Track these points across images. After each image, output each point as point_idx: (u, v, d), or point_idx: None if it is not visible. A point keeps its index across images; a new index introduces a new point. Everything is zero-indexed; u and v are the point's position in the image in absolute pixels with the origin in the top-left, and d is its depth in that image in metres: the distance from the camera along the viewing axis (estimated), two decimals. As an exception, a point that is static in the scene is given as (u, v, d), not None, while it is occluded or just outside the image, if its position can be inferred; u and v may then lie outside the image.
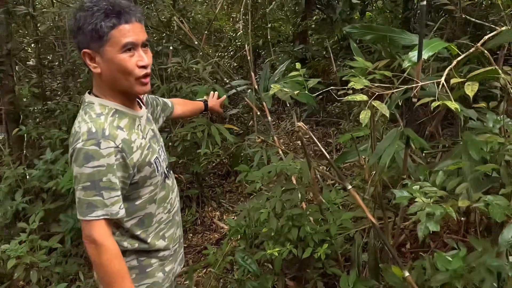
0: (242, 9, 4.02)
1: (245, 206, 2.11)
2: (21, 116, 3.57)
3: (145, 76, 1.20)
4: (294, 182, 2.35)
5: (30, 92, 3.29)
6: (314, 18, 5.27)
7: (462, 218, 2.39)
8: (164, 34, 4.25)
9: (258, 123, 3.58)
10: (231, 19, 7.47)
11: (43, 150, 3.62)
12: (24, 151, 3.53)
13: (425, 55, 1.47)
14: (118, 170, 1.15)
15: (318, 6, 3.65)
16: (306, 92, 1.54)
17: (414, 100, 1.47)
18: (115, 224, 1.24)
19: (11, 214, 3.01)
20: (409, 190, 1.41)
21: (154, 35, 4.36)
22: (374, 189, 1.99)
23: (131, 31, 1.15)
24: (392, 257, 1.79)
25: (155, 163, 1.28)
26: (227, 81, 3.51)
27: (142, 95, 1.44)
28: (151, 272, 1.34)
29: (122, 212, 1.18)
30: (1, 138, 3.79)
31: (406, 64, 1.49)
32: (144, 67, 1.19)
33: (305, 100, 3.34)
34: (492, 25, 1.98)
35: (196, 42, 3.15)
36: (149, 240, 1.31)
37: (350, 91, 1.45)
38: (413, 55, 1.48)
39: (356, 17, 3.93)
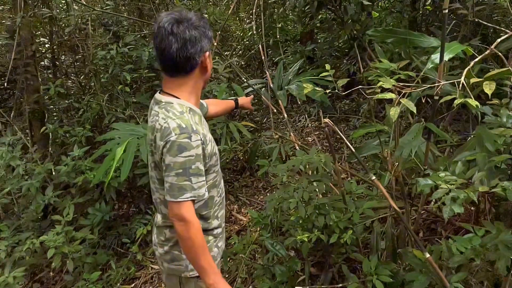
0: (254, 9, 4.17)
1: (273, 196, 2.26)
2: (46, 115, 3.70)
3: None
4: (310, 174, 2.50)
5: (56, 91, 3.43)
6: (319, 17, 5.41)
7: (472, 208, 2.57)
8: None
9: (269, 119, 3.74)
10: (237, 18, 7.62)
11: (67, 147, 3.77)
12: (50, 149, 3.66)
13: (446, 57, 1.63)
14: (202, 159, 1.34)
15: (329, 7, 3.78)
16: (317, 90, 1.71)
17: (436, 97, 1.63)
18: None
19: (42, 208, 3.15)
20: (433, 178, 1.57)
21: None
22: (395, 180, 2.16)
23: None
24: (414, 241, 1.95)
25: (217, 153, 1.48)
26: (244, 79, 3.66)
27: None
28: (209, 247, 1.52)
29: (206, 194, 1.36)
30: (19, 137, 3.90)
31: (429, 65, 1.65)
32: None
33: (319, 98, 3.51)
34: (501, 28, 2.13)
35: (215, 44, 3.29)
36: (210, 220, 1.51)
37: (379, 90, 1.61)
38: (436, 57, 1.64)
39: (363, 17, 4.06)
